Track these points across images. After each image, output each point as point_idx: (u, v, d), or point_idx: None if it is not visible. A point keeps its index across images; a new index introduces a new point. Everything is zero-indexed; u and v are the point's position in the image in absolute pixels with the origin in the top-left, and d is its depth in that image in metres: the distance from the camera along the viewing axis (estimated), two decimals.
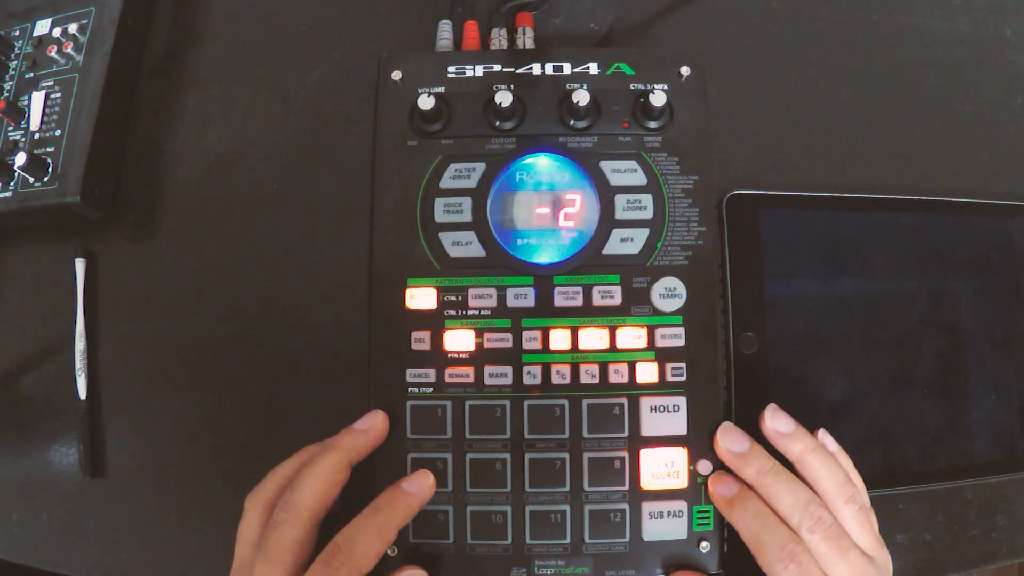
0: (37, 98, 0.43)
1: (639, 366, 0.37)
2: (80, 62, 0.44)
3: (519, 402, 0.37)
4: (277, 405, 0.42)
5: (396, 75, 0.40)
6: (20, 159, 0.40)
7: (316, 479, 0.33)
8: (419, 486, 0.34)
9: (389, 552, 0.36)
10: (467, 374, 0.37)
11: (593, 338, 0.37)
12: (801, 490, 0.33)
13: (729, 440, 0.36)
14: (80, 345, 0.42)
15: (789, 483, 0.34)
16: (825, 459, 0.34)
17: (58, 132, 0.42)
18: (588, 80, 0.40)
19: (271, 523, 0.32)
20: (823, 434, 0.36)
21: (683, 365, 0.37)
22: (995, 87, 0.47)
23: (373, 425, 0.36)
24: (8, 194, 0.42)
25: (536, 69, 0.40)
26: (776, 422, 0.36)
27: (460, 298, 0.38)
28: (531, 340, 0.37)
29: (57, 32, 0.44)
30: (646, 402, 0.37)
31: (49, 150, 0.42)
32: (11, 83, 0.44)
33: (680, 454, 0.36)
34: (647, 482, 0.36)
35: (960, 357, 0.42)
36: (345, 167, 0.44)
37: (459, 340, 0.37)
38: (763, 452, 0.35)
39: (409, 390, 0.37)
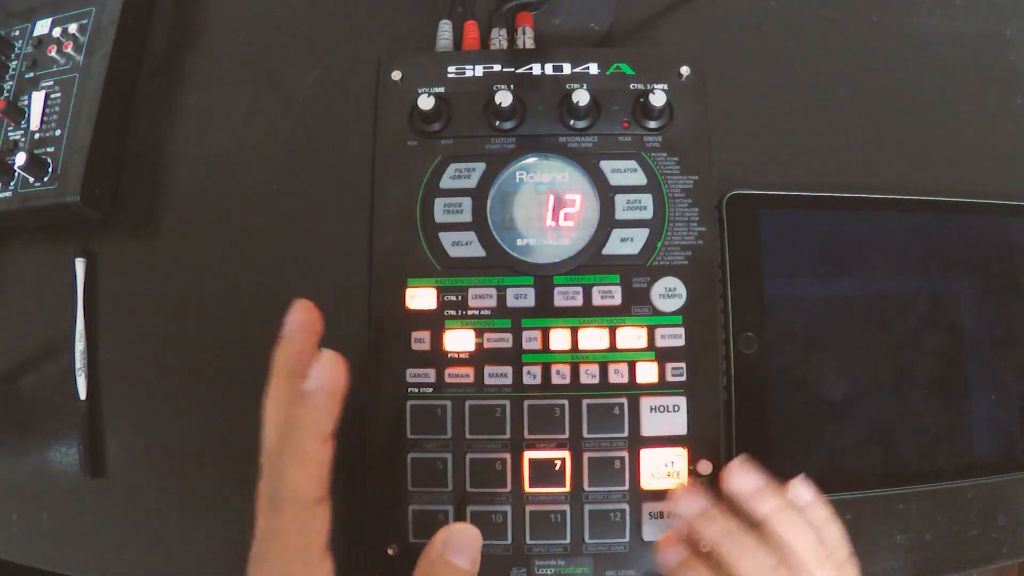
0: (37, 98, 0.43)
1: (639, 366, 0.37)
2: (80, 62, 0.44)
3: (519, 402, 0.37)
4: None
5: (396, 75, 0.40)
6: (20, 159, 0.40)
7: (271, 412, 0.31)
8: (318, 379, 0.30)
9: (389, 552, 0.36)
10: (467, 374, 0.37)
11: (593, 338, 0.37)
12: (766, 554, 0.31)
13: (685, 503, 0.34)
14: (80, 345, 0.42)
15: (753, 547, 0.32)
16: (794, 520, 0.32)
17: (58, 132, 0.42)
18: (588, 80, 0.40)
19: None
20: (799, 483, 0.34)
21: (683, 365, 0.37)
22: (995, 87, 0.47)
23: (295, 325, 0.32)
24: (8, 194, 0.42)
25: (536, 69, 0.40)
26: (741, 480, 0.33)
27: (460, 298, 0.38)
28: (531, 340, 0.37)
29: (57, 32, 0.44)
30: (646, 402, 0.37)
31: (49, 150, 0.42)
32: (11, 83, 0.44)
33: (680, 454, 0.36)
34: (647, 482, 0.36)
35: (960, 357, 0.42)
36: (345, 167, 0.44)
37: (459, 340, 0.37)
38: (721, 513, 0.33)
39: (409, 390, 0.37)
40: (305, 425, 0.29)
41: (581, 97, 0.38)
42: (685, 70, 0.40)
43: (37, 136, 0.43)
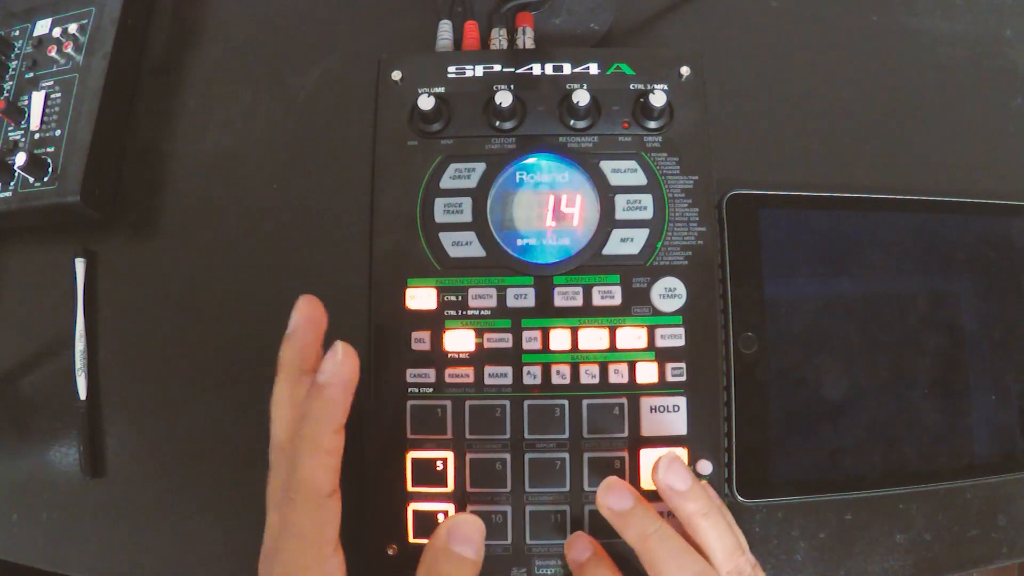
0: (37, 98, 0.43)
1: (639, 366, 0.37)
2: (80, 62, 0.44)
3: (519, 402, 0.37)
4: None
5: (396, 75, 0.40)
6: (20, 159, 0.40)
7: (279, 408, 0.32)
8: (330, 371, 0.30)
9: (389, 552, 0.36)
10: (467, 374, 0.37)
11: (593, 338, 0.37)
12: (690, 561, 0.31)
13: (612, 498, 0.33)
14: (80, 345, 0.42)
15: (676, 552, 0.31)
16: (717, 523, 0.32)
17: (58, 132, 0.42)
18: (588, 80, 0.40)
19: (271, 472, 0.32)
20: (707, 485, 0.34)
21: (683, 365, 0.37)
22: (995, 87, 0.47)
23: (300, 320, 0.32)
24: (8, 194, 0.42)
25: (536, 69, 0.40)
26: (670, 476, 0.33)
27: (460, 298, 0.38)
28: (531, 340, 0.37)
29: (57, 32, 0.44)
30: (646, 402, 0.37)
31: (49, 150, 0.42)
32: (11, 83, 0.44)
33: (680, 454, 0.36)
34: (647, 482, 0.36)
35: (960, 357, 0.42)
36: (345, 167, 0.44)
37: (459, 340, 0.37)
38: (647, 512, 0.33)
39: (409, 390, 0.37)
40: (318, 417, 0.29)
41: (581, 97, 0.38)
42: (685, 70, 0.40)
43: (37, 136, 0.43)
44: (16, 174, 0.41)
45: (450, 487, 0.36)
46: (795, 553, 0.40)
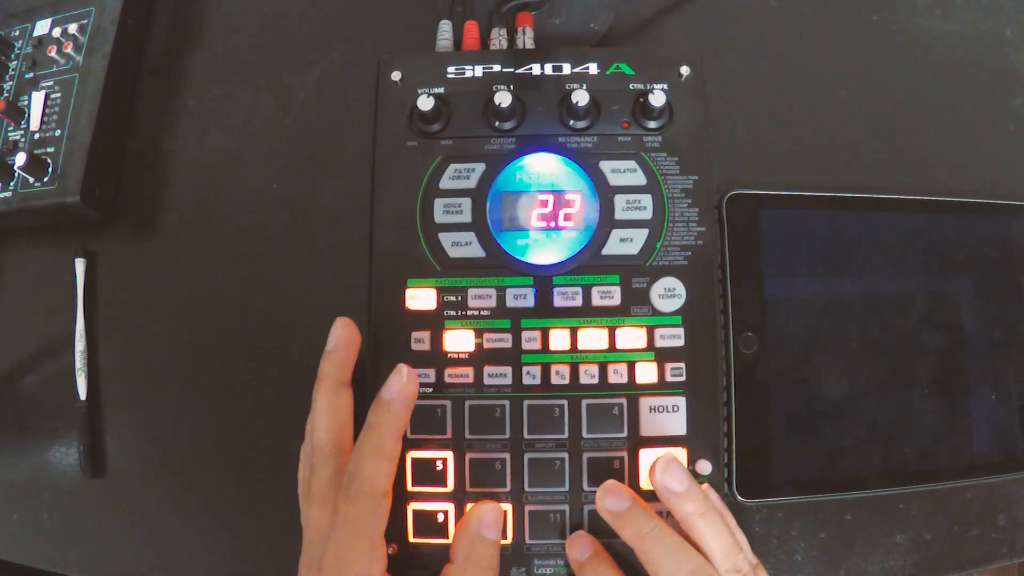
0: (37, 98, 0.43)
1: (638, 366, 0.37)
2: (80, 62, 0.44)
3: (519, 402, 0.37)
4: (277, 405, 0.42)
5: (396, 75, 0.40)
6: (20, 159, 0.40)
7: (321, 415, 0.34)
8: (397, 390, 0.34)
9: (389, 552, 0.36)
10: (467, 374, 0.37)
11: (592, 338, 0.37)
12: (686, 558, 0.32)
13: (609, 500, 0.34)
14: (80, 345, 0.42)
15: (673, 550, 0.32)
16: (714, 523, 0.33)
17: (58, 132, 0.42)
18: (588, 80, 0.40)
19: (309, 470, 0.34)
20: (708, 488, 0.35)
21: (682, 365, 0.37)
22: (995, 87, 0.47)
23: (339, 339, 0.36)
24: (8, 194, 0.42)
25: (536, 69, 0.40)
26: (668, 477, 0.33)
27: (460, 298, 0.38)
28: (530, 340, 0.37)
29: (57, 32, 0.44)
30: (645, 402, 0.37)
31: (49, 150, 0.42)
32: (11, 83, 0.44)
33: (679, 454, 0.36)
34: (646, 482, 0.36)
35: (960, 357, 0.42)
36: (345, 167, 0.44)
37: (459, 340, 0.37)
38: (644, 512, 0.34)
39: None
40: (383, 428, 0.33)
41: (581, 97, 0.38)
42: (685, 70, 0.40)
43: (37, 136, 0.43)
44: (16, 174, 0.42)
45: (450, 487, 0.36)
46: (795, 553, 0.40)
